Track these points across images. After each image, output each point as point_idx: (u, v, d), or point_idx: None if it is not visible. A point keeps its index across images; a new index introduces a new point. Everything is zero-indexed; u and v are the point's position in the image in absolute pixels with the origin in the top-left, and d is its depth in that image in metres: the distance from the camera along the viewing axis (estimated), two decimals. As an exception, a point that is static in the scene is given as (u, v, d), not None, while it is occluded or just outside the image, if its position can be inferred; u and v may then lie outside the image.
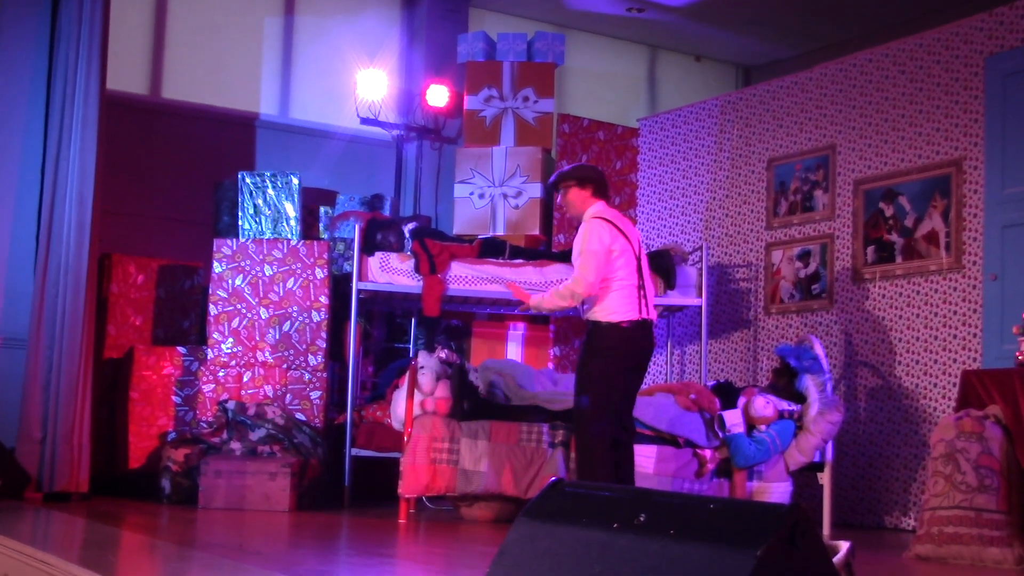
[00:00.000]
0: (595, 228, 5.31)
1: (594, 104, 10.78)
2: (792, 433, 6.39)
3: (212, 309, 7.45)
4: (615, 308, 5.31)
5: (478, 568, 4.24)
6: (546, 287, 7.39)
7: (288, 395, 7.35)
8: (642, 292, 5.40)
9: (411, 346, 8.57)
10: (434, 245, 7.41)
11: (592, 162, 8.91)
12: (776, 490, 6.32)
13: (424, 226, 8.12)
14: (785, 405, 6.50)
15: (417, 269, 7.33)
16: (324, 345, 7.44)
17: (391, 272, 7.38)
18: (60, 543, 4.87)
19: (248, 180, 7.90)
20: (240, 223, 7.89)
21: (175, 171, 9.02)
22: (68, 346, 6.89)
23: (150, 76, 9.17)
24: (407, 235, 7.62)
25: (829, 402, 6.38)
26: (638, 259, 5.42)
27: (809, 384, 6.55)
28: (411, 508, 6.53)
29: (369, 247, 7.45)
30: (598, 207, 5.46)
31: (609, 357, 5.32)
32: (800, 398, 6.57)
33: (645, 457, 6.14)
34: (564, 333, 8.57)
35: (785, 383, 6.71)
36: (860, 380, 7.20)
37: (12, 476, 6.74)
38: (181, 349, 7.71)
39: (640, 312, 5.34)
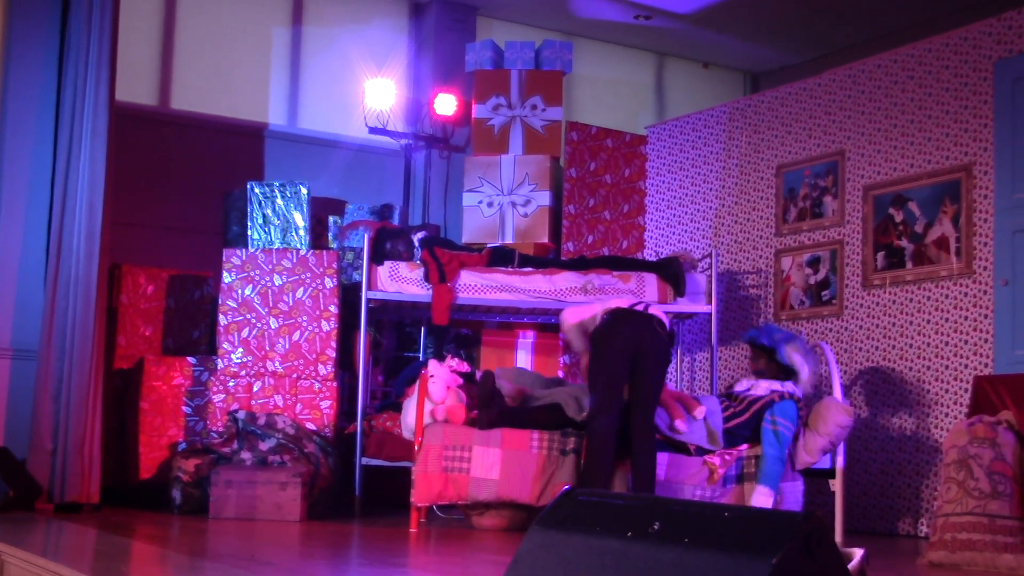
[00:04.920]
0: None
1: (602, 112, 10.78)
2: (795, 411, 6.34)
3: (222, 319, 7.46)
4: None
5: (490, 577, 4.23)
6: (555, 295, 7.43)
7: (298, 405, 7.35)
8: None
9: (421, 355, 8.57)
10: (443, 254, 7.42)
11: (600, 170, 8.92)
12: (788, 491, 6.27)
13: (433, 235, 8.13)
14: (778, 385, 6.49)
15: (427, 278, 7.34)
16: (334, 355, 7.44)
17: (400, 281, 7.38)
18: (72, 554, 4.87)
19: (257, 190, 7.91)
20: (249, 233, 7.90)
21: (184, 181, 9.04)
22: (78, 357, 6.89)
23: (159, 87, 9.20)
24: (416, 244, 7.63)
25: (839, 404, 6.33)
26: None
27: (789, 352, 6.56)
28: (422, 517, 6.52)
29: (378, 256, 7.46)
30: None
31: (596, 350, 5.85)
32: (788, 372, 6.57)
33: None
34: (574, 341, 8.55)
35: (765, 363, 6.69)
36: (871, 386, 7.18)
37: (23, 487, 6.74)
38: (191, 359, 7.71)
39: (621, 305, 5.98)
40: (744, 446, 6.31)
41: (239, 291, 7.47)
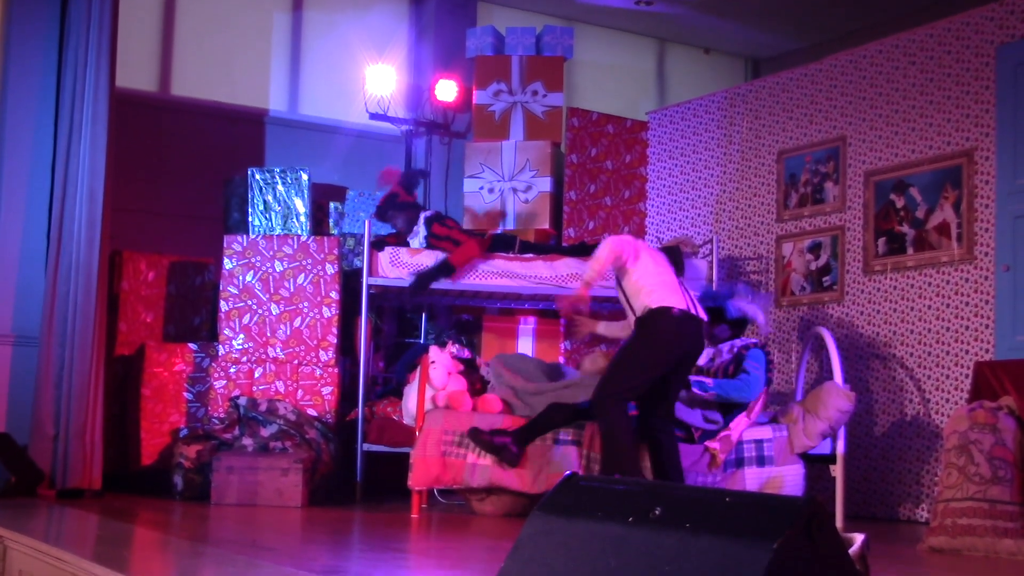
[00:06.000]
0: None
1: (603, 97, 10.76)
2: (763, 356, 6.42)
3: (223, 305, 7.46)
4: (662, 296, 5.58)
5: (491, 563, 4.24)
6: (556, 281, 7.43)
7: (299, 391, 7.36)
8: (684, 289, 5.72)
9: (421, 341, 8.57)
10: (456, 229, 7.55)
11: (601, 156, 8.91)
12: (789, 474, 6.27)
13: (439, 212, 8.16)
14: (739, 342, 6.54)
15: (445, 248, 7.38)
16: (335, 340, 7.45)
17: (401, 267, 7.39)
18: (74, 540, 4.88)
19: (258, 176, 7.91)
20: (250, 219, 7.90)
21: (185, 168, 9.03)
22: (80, 343, 6.90)
23: (159, 73, 9.18)
24: (421, 221, 7.62)
25: (839, 388, 6.32)
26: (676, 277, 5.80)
27: (737, 305, 6.59)
28: (423, 503, 6.52)
29: (380, 214, 7.61)
30: None
31: (649, 342, 5.54)
32: (743, 323, 6.62)
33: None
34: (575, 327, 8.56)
35: (720, 326, 6.71)
36: (872, 372, 7.18)
37: (25, 473, 6.76)
38: (192, 346, 7.72)
39: (687, 305, 5.60)
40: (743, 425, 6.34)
41: (240, 277, 7.47)
